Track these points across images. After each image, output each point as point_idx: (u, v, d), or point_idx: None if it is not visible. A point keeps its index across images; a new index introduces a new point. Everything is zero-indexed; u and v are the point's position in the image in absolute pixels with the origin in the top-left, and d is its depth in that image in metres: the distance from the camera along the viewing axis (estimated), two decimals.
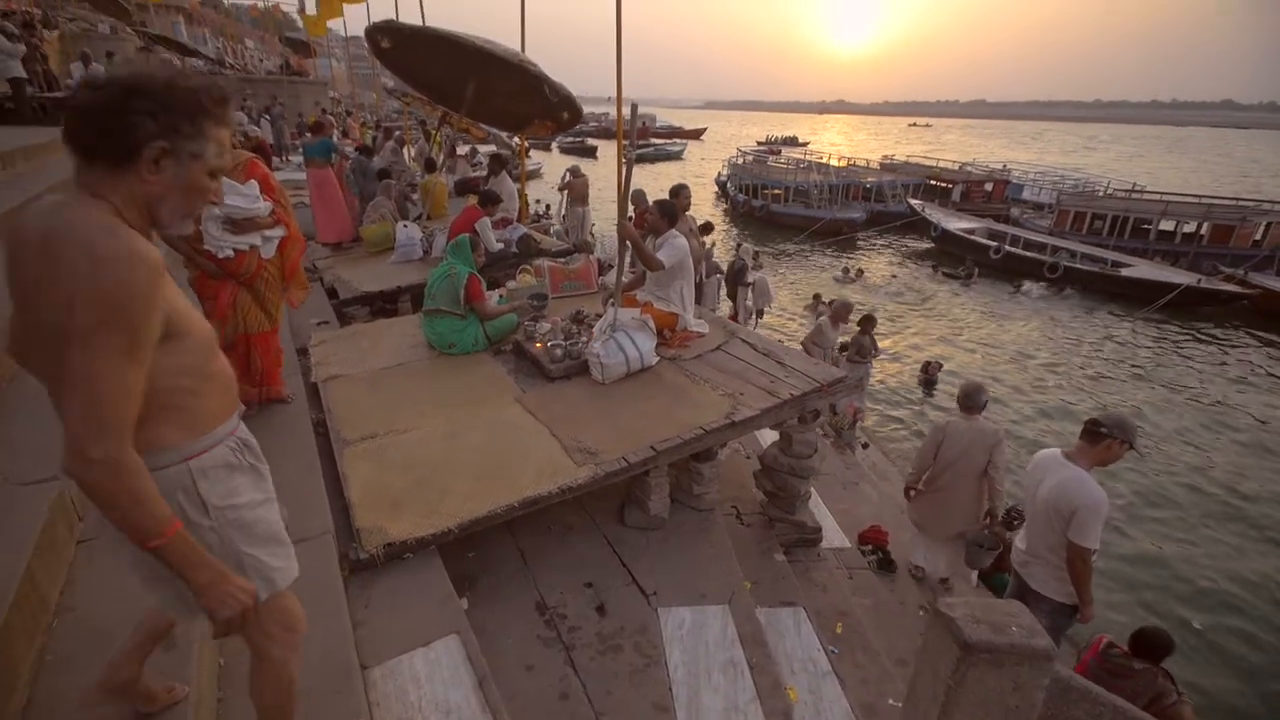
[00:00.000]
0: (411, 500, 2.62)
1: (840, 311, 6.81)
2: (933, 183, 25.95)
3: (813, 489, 4.06)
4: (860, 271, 16.28)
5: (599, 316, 4.03)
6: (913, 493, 4.26)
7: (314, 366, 3.88)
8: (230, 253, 2.76)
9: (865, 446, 6.99)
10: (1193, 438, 8.51)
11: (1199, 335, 12.76)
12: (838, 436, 6.57)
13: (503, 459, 2.90)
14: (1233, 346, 12.34)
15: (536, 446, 2.99)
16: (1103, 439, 2.83)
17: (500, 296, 4.65)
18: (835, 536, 4.31)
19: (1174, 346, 12.20)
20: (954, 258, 17.84)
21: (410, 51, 6.07)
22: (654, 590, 2.83)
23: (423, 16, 10.44)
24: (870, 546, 4.41)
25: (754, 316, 9.81)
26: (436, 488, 2.69)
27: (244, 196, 2.75)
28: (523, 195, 9.46)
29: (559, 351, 3.71)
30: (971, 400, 4.02)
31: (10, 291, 1.03)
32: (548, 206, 17.16)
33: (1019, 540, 3.20)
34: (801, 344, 6.89)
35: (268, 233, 2.88)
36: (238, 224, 2.74)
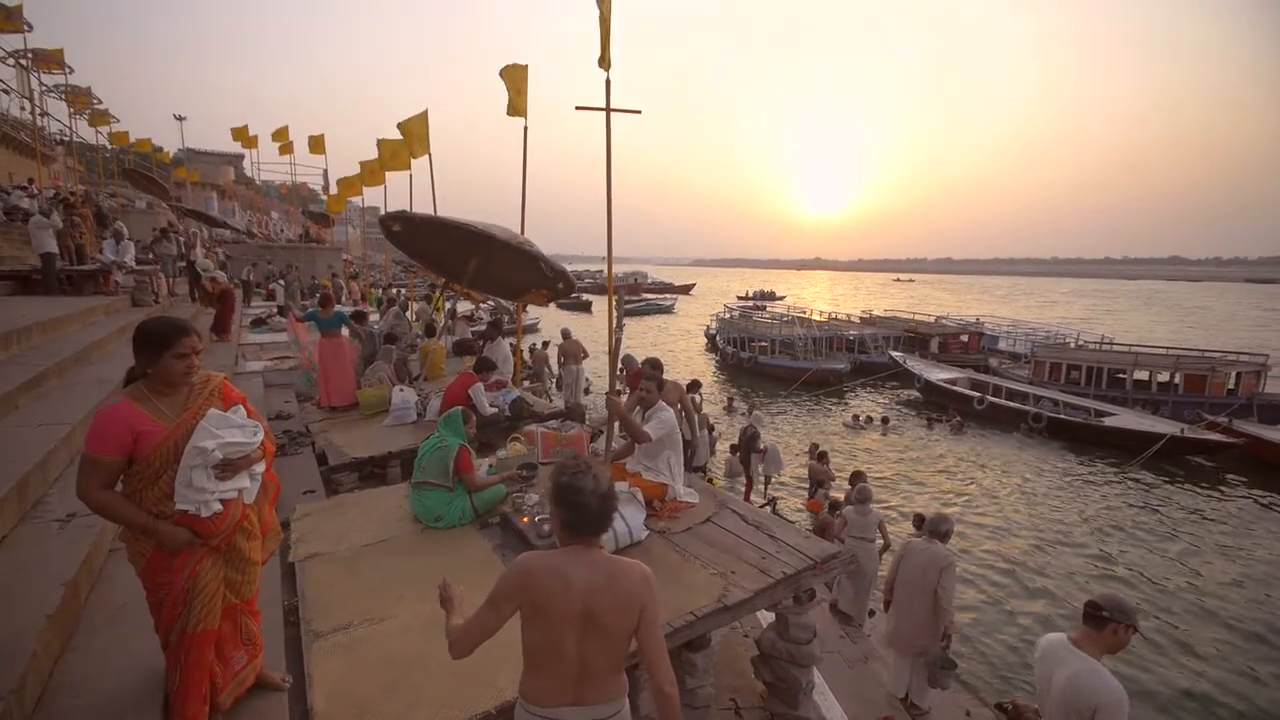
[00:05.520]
0: (380, 708, 2.40)
1: (864, 495, 6.47)
2: (912, 335, 27.18)
3: (817, 674, 3.77)
4: (870, 419, 16.51)
5: None
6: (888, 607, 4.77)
7: (293, 544, 3.74)
8: (218, 506, 1.96)
9: (871, 615, 6.60)
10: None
11: (1203, 488, 12.65)
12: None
13: (482, 652, 2.70)
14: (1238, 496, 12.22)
15: (518, 636, 2.81)
16: (1107, 624, 2.71)
17: (489, 466, 4.65)
18: None
19: (1182, 500, 12.04)
20: (940, 406, 18.21)
21: (419, 234, 6.65)
22: None
23: (434, 198, 11.58)
24: None
25: (765, 484, 9.61)
26: (409, 692, 2.49)
27: (241, 428, 2.03)
28: (518, 354, 9.81)
29: (546, 526, 3.63)
30: (935, 527, 4.55)
31: (582, 594, 1.73)
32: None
33: None
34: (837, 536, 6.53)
35: (256, 468, 2.12)
36: (231, 465, 1.98)
